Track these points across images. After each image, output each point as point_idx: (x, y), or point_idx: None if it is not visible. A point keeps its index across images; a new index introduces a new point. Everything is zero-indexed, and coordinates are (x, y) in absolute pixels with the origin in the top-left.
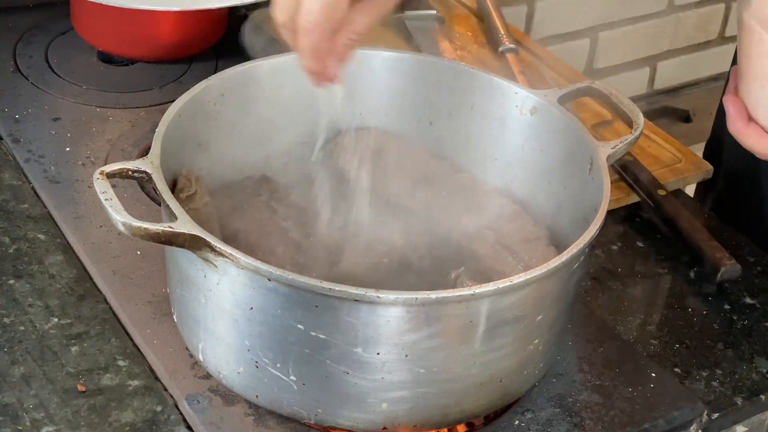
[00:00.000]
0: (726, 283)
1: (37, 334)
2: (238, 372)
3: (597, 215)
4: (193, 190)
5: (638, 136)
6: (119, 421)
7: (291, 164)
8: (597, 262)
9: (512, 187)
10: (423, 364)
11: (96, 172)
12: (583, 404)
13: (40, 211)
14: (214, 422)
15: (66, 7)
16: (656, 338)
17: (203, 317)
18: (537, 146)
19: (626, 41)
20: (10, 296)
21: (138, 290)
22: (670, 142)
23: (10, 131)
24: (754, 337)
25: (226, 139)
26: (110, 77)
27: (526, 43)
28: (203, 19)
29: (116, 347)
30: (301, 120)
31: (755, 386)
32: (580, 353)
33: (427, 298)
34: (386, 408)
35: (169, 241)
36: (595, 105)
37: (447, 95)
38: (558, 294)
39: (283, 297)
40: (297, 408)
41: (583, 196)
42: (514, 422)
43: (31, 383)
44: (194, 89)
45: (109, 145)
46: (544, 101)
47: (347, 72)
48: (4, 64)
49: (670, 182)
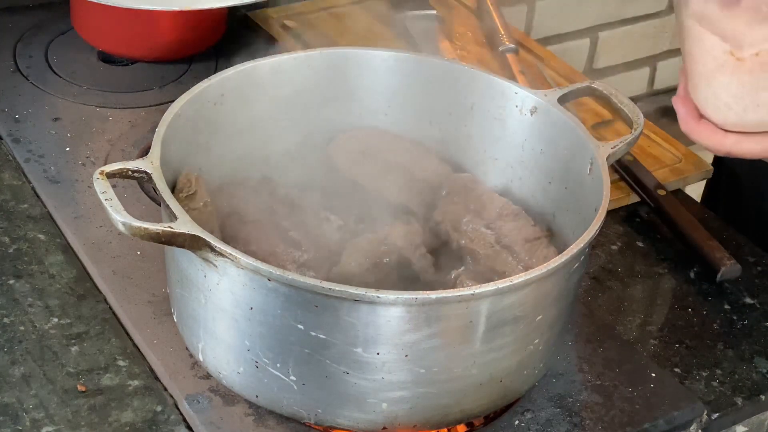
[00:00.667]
0: (726, 283)
1: (37, 334)
2: (238, 372)
3: (597, 215)
4: (193, 190)
5: (638, 136)
6: (119, 421)
7: (291, 164)
8: (597, 262)
9: (512, 187)
10: (423, 364)
11: (96, 172)
12: (583, 404)
13: (40, 211)
14: (214, 422)
15: (66, 7)
16: (656, 338)
17: (203, 317)
18: (537, 146)
19: (626, 41)
20: (10, 296)
21: (138, 290)
22: (670, 142)
23: (10, 131)
24: (754, 337)
25: (226, 139)
26: (110, 77)
27: (526, 43)
28: (203, 19)
29: (116, 347)
30: (301, 120)
31: (755, 386)
32: (580, 353)
33: (427, 298)
34: (386, 408)
35: (169, 241)
36: (595, 105)
37: (447, 95)
38: (558, 294)
39: (283, 297)
40: (297, 408)
41: (583, 196)
42: (514, 422)
43: (31, 383)
44: (194, 89)
45: (109, 145)
46: (544, 101)
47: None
48: (4, 64)
49: (670, 182)
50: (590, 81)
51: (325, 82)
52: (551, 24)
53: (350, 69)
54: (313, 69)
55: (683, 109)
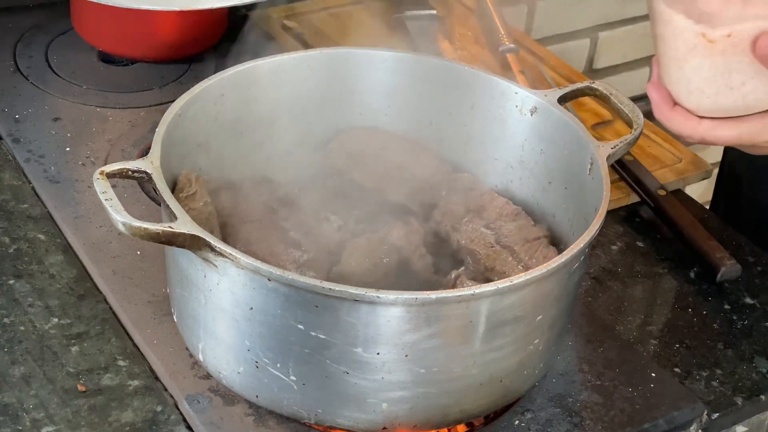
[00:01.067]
0: (726, 283)
1: (37, 334)
2: (238, 372)
3: (597, 215)
4: (193, 190)
5: (638, 136)
6: (119, 421)
7: (291, 164)
8: (597, 262)
9: (512, 187)
10: (423, 364)
11: (96, 172)
12: (583, 404)
13: (40, 211)
14: (214, 422)
15: (66, 7)
16: (656, 338)
17: (203, 317)
18: (537, 146)
19: (626, 41)
20: (10, 296)
21: (138, 290)
22: (670, 142)
23: (10, 131)
24: (754, 337)
25: (226, 139)
26: (110, 77)
27: (526, 43)
28: (203, 19)
29: (116, 347)
30: (301, 120)
31: (755, 386)
32: (580, 353)
33: (427, 298)
34: (386, 408)
35: (169, 241)
36: (595, 105)
37: (447, 95)
38: (558, 294)
39: (283, 297)
40: (297, 408)
41: (583, 196)
42: (514, 422)
43: (31, 383)
44: (194, 89)
45: (109, 145)
46: (544, 101)
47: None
48: (4, 64)
49: (670, 182)
50: (590, 81)
51: (325, 82)
52: (551, 24)
53: (350, 69)
54: (313, 69)
55: (656, 95)
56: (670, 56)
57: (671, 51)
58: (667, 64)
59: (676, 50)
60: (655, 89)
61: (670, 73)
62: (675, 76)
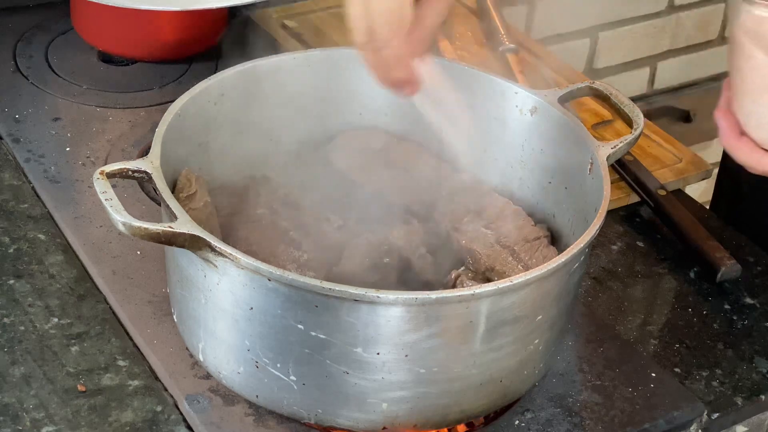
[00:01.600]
0: (726, 283)
1: (37, 334)
2: (238, 372)
3: (597, 215)
4: (193, 190)
5: (638, 136)
6: (119, 421)
7: (291, 164)
8: (597, 262)
9: (512, 187)
10: (423, 364)
11: (96, 172)
12: (583, 404)
13: (40, 211)
14: (214, 422)
15: (66, 7)
16: (656, 338)
17: (203, 317)
18: (537, 146)
19: (626, 41)
20: (10, 296)
21: (138, 290)
22: (670, 142)
23: (10, 131)
24: (754, 337)
25: (226, 139)
26: (110, 77)
27: (526, 43)
28: (203, 19)
29: (116, 347)
30: (301, 120)
31: (755, 386)
32: (580, 353)
33: (427, 298)
34: (386, 408)
35: (169, 241)
36: (595, 105)
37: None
38: (558, 294)
39: (283, 297)
40: (297, 408)
41: (583, 196)
42: (514, 422)
43: (31, 383)
44: (194, 89)
45: (109, 145)
46: (544, 101)
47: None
48: (4, 64)
49: (670, 182)
50: (590, 81)
51: (325, 82)
52: (551, 24)
53: (350, 69)
54: (313, 69)
55: (725, 123)
56: (744, 89)
57: (747, 84)
58: (741, 95)
59: (752, 84)
60: (724, 117)
61: (743, 104)
62: (748, 108)
